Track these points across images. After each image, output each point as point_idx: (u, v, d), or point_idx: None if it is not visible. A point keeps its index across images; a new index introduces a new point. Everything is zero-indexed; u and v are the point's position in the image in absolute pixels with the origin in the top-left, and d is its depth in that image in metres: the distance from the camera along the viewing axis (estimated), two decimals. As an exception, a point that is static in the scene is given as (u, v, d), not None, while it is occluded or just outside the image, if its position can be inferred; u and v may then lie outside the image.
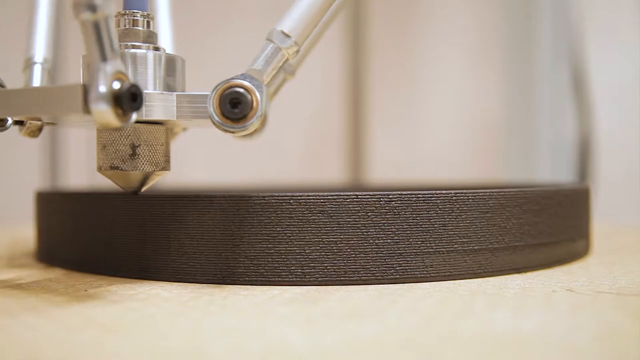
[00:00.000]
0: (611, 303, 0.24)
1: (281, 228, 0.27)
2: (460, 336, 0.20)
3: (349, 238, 0.27)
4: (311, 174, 0.77)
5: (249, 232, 0.28)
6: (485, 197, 0.29)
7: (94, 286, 0.28)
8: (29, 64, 0.32)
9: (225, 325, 0.22)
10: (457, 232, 0.28)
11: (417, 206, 0.28)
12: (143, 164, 0.29)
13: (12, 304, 0.25)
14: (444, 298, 0.25)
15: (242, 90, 0.27)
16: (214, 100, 0.27)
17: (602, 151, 0.74)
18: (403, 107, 0.80)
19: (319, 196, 0.27)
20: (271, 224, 0.28)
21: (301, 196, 0.27)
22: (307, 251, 0.27)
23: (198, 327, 0.21)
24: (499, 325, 0.21)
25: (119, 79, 0.24)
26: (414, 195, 0.28)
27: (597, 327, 0.21)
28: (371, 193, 0.28)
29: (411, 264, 0.28)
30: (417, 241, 0.28)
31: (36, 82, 0.31)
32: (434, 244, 0.28)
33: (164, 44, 0.39)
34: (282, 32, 0.28)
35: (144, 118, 0.28)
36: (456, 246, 0.29)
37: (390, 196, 0.28)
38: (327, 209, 0.27)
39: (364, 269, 0.28)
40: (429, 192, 0.28)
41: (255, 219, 0.28)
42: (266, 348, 0.19)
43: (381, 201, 0.28)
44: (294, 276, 0.27)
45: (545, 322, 0.21)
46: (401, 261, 0.28)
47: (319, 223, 0.27)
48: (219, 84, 0.27)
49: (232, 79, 0.27)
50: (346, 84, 0.79)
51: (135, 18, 0.29)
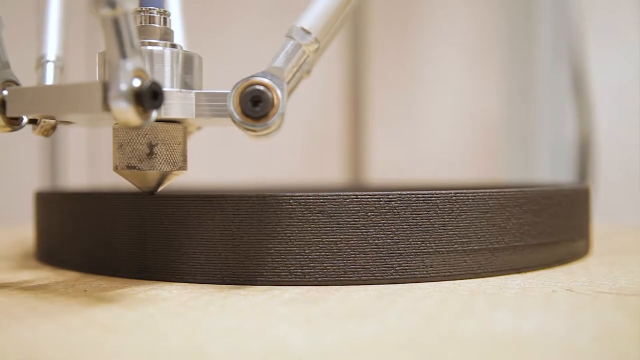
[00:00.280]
0: (611, 303, 0.24)
1: (281, 228, 0.27)
2: (460, 336, 0.20)
3: (348, 238, 0.27)
4: (311, 174, 0.77)
5: (248, 232, 0.28)
6: (485, 197, 0.29)
7: (93, 286, 0.28)
8: (41, 62, 0.31)
9: (225, 325, 0.22)
10: (457, 232, 0.28)
11: (416, 206, 0.28)
12: (160, 163, 0.28)
13: (12, 304, 0.25)
14: (444, 298, 0.25)
15: (263, 88, 0.26)
16: (234, 99, 0.27)
17: (602, 151, 0.74)
18: (403, 107, 0.80)
19: (318, 196, 0.27)
20: (271, 224, 0.28)
21: (301, 196, 0.27)
22: (306, 251, 0.27)
23: (198, 327, 0.21)
24: (499, 325, 0.21)
25: (139, 77, 0.23)
26: (413, 195, 0.28)
27: (597, 327, 0.21)
28: (371, 193, 0.28)
29: (411, 264, 0.28)
30: (417, 241, 0.28)
31: (49, 80, 0.31)
32: (433, 244, 0.28)
33: (177, 41, 0.38)
34: (303, 28, 0.27)
35: (162, 116, 0.27)
36: (456, 246, 0.28)
37: (390, 196, 0.28)
38: (327, 209, 0.27)
39: (364, 269, 0.28)
40: (428, 192, 0.28)
41: (255, 219, 0.28)
42: (266, 348, 0.19)
43: (381, 201, 0.28)
44: (293, 276, 0.27)
45: (545, 322, 0.21)
46: (401, 261, 0.28)
47: (319, 223, 0.27)
48: (239, 82, 0.27)
49: (253, 76, 0.27)
50: (346, 84, 0.79)
51: (152, 15, 0.29)
